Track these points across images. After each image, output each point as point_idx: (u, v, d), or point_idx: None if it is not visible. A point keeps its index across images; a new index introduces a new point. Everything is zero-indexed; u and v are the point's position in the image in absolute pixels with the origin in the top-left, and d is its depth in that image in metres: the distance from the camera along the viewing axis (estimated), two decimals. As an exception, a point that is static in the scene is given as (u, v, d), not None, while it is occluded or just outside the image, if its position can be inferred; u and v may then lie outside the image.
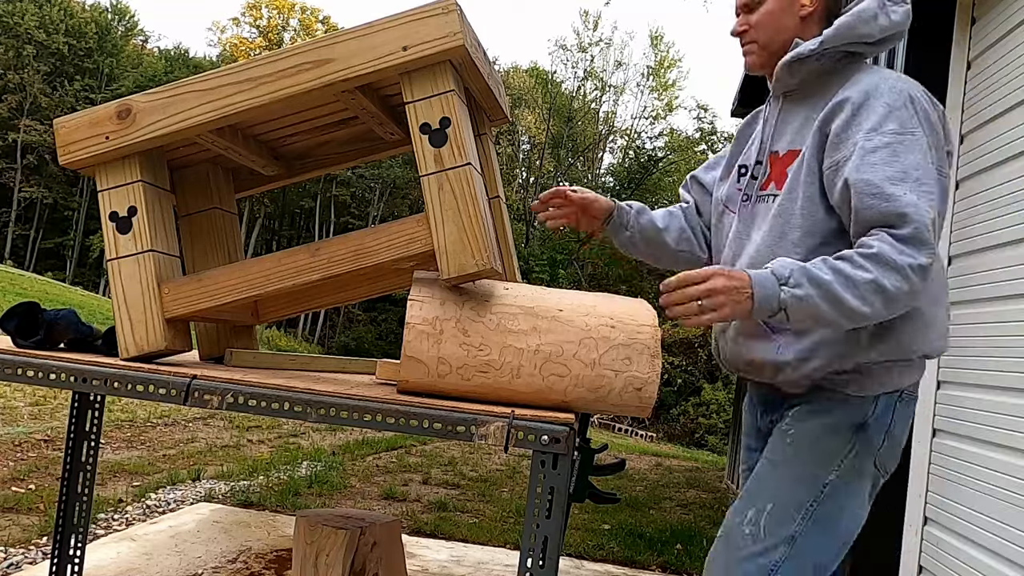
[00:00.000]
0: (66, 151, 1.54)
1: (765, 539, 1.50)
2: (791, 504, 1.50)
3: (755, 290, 1.35)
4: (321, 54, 1.48)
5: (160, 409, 7.37)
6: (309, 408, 1.35)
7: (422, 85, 1.47)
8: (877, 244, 1.36)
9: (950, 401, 3.10)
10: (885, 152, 1.41)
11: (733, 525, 1.55)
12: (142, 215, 1.56)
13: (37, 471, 4.44)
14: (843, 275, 1.35)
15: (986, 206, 2.98)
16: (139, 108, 1.55)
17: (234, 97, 1.51)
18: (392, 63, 1.45)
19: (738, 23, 1.64)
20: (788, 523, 1.50)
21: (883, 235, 1.37)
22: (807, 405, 1.54)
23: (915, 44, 3.48)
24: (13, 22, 42.95)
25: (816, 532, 1.50)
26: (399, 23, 1.46)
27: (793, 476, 1.52)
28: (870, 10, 1.53)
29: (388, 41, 1.45)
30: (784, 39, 1.59)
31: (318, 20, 49.17)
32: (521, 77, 47.19)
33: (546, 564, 1.29)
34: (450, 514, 4.60)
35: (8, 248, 43.19)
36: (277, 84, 1.49)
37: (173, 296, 1.57)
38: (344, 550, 2.30)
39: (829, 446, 1.51)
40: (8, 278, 21.70)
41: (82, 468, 2.18)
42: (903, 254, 1.35)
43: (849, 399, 1.52)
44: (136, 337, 1.54)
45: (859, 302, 1.34)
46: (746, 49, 1.65)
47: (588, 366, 1.42)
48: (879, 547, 3.30)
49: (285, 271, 1.53)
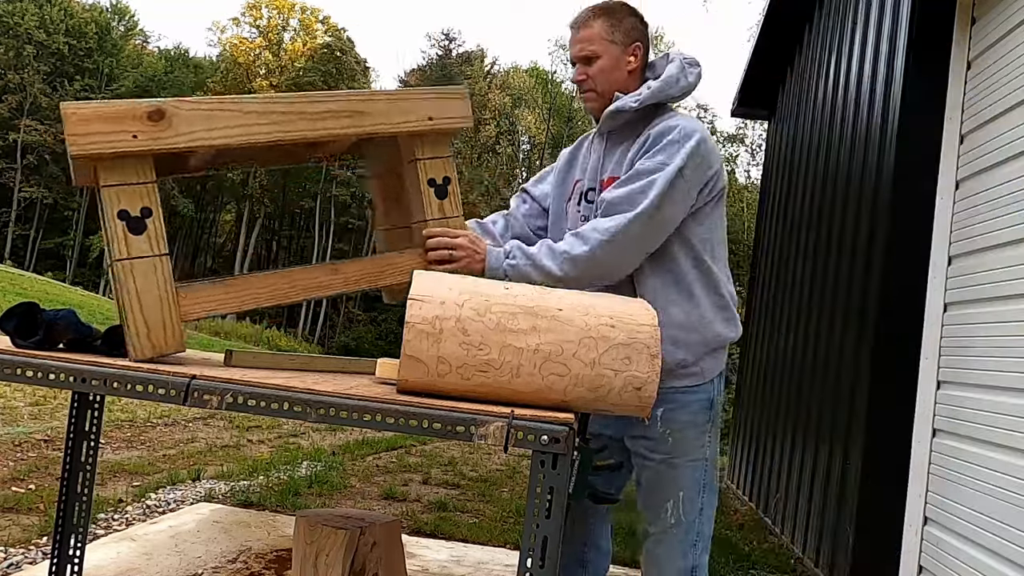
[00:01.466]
0: (77, 141, 1.47)
1: (686, 520, 1.93)
2: (694, 486, 1.94)
3: (488, 257, 1.85)
4: (358, 107, 1.70)
5: (160, 409, 7.37)
6: (309, 408, 1.35)
7: (433, 148, 1.82)
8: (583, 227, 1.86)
9: (950, 401, 3.10)
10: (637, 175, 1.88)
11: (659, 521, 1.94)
12: (157, 217, 1.55)
13: (37, 471, 4.44)
14: (548, 247, 1.85)
15: (986, 206, 2.98)
16: (175, 114, 1.54)
17: (272, 127, 1.63)
18: (416, 128, 1.77)
19: (578, 72, 2.02)
20: (696, 501, 1.94)
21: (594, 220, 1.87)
22: (668, 404, 1.90)
23: (915, 44, 3.48)
24: (13, 22, 42.93)
25: (710, 494, 1.97)
26: (428, 97, 1.80)
27: (685, 465, 1.94)
28: (675, 76, 1.99)
29: (417, 110, 1.77)
30: (615, 88, 2.00)
31: (318, 20, 49.14)
32: (521, 77, 47.21)
33: (546, 564, 1.28)
34: (450, 514, 4.60)
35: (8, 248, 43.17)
36: (315, 124, 1.65)
37: (192, 299, 1.59)
38: (344, 550, 2.30)
39: (698, 433, 1.95)
40: (8, 278, 21.70)
41: (82, 468, 2.18)
42: (595, 231, 1.83)
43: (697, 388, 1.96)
44: (153, 339, 1.53)
45: (555, 266, 1.82)
46: (586, 96, 2.04)
47: (588, 365, 1.42)
48: (879, 547, 3.31)
49: (307, 285, 1.70)
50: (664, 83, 1.97)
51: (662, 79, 1.98)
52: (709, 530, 1.98)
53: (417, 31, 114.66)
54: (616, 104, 1.97)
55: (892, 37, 3.85)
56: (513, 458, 7.12)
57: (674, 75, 1.98)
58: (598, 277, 1.86)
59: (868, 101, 4.15)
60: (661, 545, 1.95)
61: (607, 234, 1.81)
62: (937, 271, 3.25)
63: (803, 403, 4.91)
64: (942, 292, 3.23)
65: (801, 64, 6.54)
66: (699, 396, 1.96)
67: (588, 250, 1.81)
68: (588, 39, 1.99)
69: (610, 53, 1.99)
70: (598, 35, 1.99)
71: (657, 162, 1.85)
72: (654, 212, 1.82)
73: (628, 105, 1.95)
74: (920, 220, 3.32)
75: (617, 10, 2.02)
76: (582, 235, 1.83)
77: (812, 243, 5.18)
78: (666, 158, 1.85)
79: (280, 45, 48.03)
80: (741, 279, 21.88)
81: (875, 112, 3.98)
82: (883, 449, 3.35)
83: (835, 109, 5.03)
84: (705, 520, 1.95)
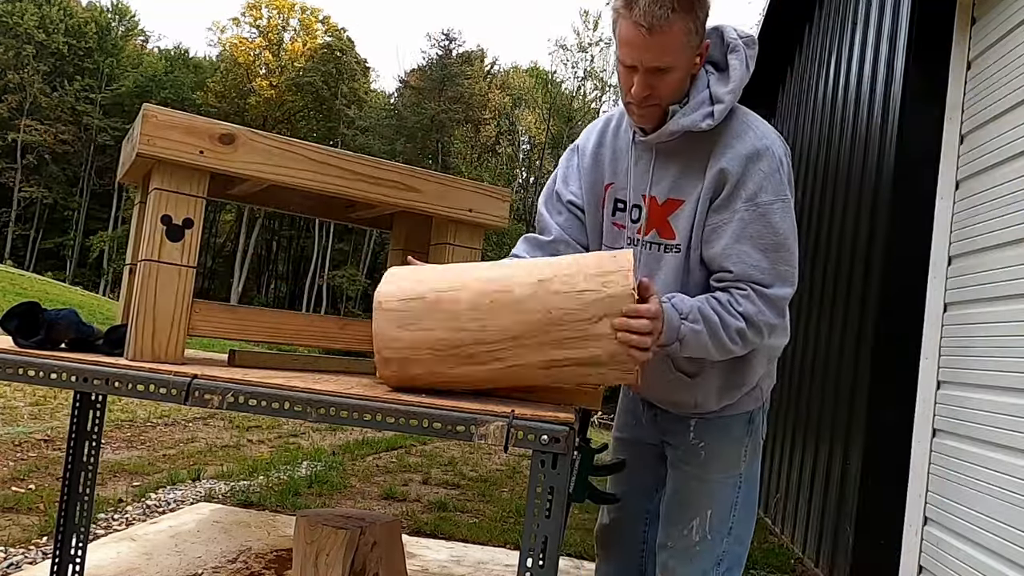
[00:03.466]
0: (149, 142, 1.52)
1: (712, 538, 1.77)
2: (726, 504, 1.78)
3: (665, 323, 1.50)
4: (413, 183, 1.81)
5: (160, 409, 7.37)
6: (309, 407, 1.35)
7: (466, 237, 1.92)
8: (744, 302, 1.59)
9: (950, 401, 3.10)
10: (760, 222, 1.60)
11: (682, 537, 1.79)
12: (196, 230, 1.59)
13: (37, 471, 4.44)
14: (720, 318, 1.57)
15: (986, 206, 2.98)
16: (244, 142, 1.60)
17: (333, 179, 1.70)
18: (456, 216, 1.88)
19: (642, 85, 1.57)
20: (727, 520, 1.78)
21: (750, 292, 1.59)
22: (706, 421, 1.79)
23: (915, 44, 3.48)
24: (13, 22, 42.95)
25: (744, 513, 1.81)
26: (474, 191, 1.90)
27: (717, 480, 1.79)
28: (743, 76, 1.64)
29: (462, 199, 1.88)
30: (678, 99, 1.63)
31: (318, 20, 49.15)
32: (521, 77, 47.23)
33: (546, 564, 1.29)
34: (450, 514, 4.60)
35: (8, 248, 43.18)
36: (371, 187, 1.75)
37: (204, 316, 1.63)
38: (344, 550, 2.30)
39: (735, 448, 1.80)
40: (8, 278, 21.70)
41: (83, 468, 2.18)
42: (762, 314, 1.59)
43: (739, 414, 1.79)
44: (156, 345, 1.55)
45: (730, 342, 1.58)
46: (647, 112, 1.63)
47: (560, 343, 1.41)
48: (879, 547, 3.31)
49: (313, 334, 1.80)
50: (737, 87, 1.63)
51: (733, 84, 1.63)
52: (740, 551, 1.81)
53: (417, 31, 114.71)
54: (683, 123, 1.61)
55: (892, 37, 3.85)
56: (513, 458, 7.13)
57: (743, 75, 1.64)
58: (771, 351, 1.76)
59: (868, 101, 4.15)
60: (681, 562, 1.79)
61: (776, 318, 1.61)
62: (937, 271, 3.25)
63: (803, 403, 4.92)
64: (942, 292, 3.24)
65: (801, 64, 6.54)
66: (737, 409, 1.79)
67: (760, 341, 1.64)
68: (666, 48, 1.53)
69: (686, 62, 1.58)
70: (679, 41, 1.54)
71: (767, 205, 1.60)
72: (794, 275, 1.64)
73: (700, 127, 1.61)
74: (920, 220, 3.32)
75: (695, 2, 1.55)
76: (755, 324, 1.58)
77: (812, 243, 5.19)
78: (774, 195, 1.61)
79: (280, 45, 48.03)
80: (741, 279, 21.88)
81: (875, 112, 3.98)
82: (883, 449, 3.35)
83: (835, 109, 5.03)
84: (734, 541, 1.79)
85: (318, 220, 29.68)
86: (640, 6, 1.51)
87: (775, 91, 7.50)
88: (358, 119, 45.40)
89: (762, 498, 5.74)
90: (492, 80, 47.98)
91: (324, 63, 46.24)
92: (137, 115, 1.58)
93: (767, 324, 1.59)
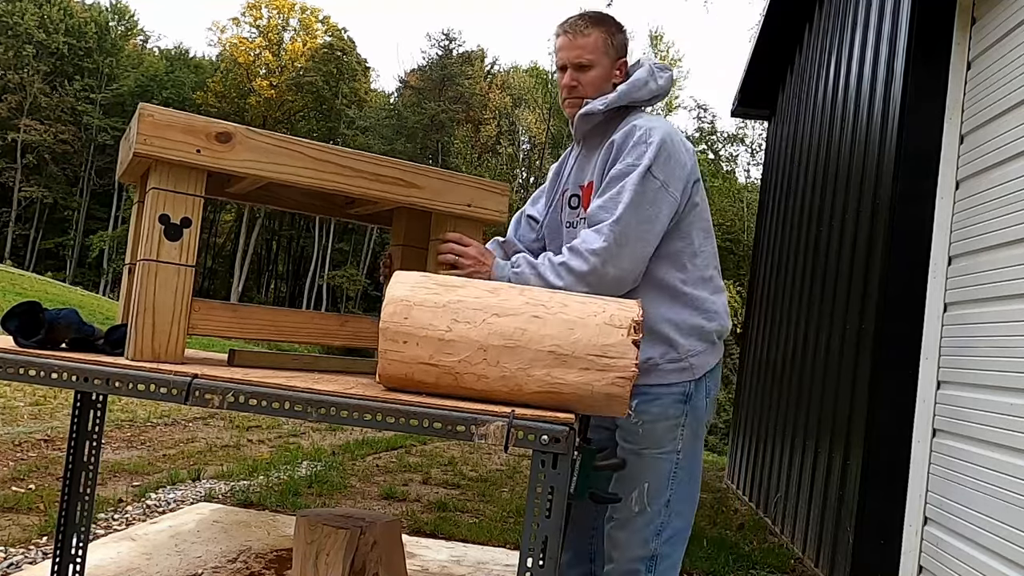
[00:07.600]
0: (146, 141, 1.52)
1: (651, 509, 1.94)
2: (662, 476, 1.95)
3: (494, 268, 1.90)
4: (413, 179, 1.82)
5: (160, 409, 7.37)
6: (309, 407, 1.35)
7: (461, 230, 1.93)
8: (580, 236, 1.88)
9: (950, 401, 3.10)
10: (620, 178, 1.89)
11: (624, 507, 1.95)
12: (194, 229, 1.59)
13: (37, 471, 4.44)
14: (549, 260, 1.86)
15: (986, 206, 2.98)
16: (241, 140, 1.60)
17: (331, 176, 1.70)
18: (455, 211, 1.90)
19: (570, 77, 2.03)
20: (663, 492, 1.95)
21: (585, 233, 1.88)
22: (641, 396, 1.93)
23: (915, 44, 3.48)
24: (13, 22, 42.93)
25: (681, 487, 1.97)
26: (473, 185, 1.92)
27: (652, 455, 1.95)
28: (642, 79, 2.03)
29: (461, 194, 1.90)
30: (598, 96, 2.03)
31: (318, 20, 49.13)
32: (521, 77, 47.18)
33: (546, 564, 1.29)
34: (450, 514, 4.60)
35: (8, 248, 43.17)
36: (371, 184, 1.75)
37: (203, 315, 1.63)
38: (344, 550, 2.31)
39: (669, 425, 1.96)
40: (8, 278, 21.70)
41: (84, 467, 2.18)
42: (584, 242, 1.85)
43: (673, 385, 1.96)
44: (156, 344, 1.55)
45: (555, 277, 1.83)
46: (573, 102, 2.05)
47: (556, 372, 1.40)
48: (879, 547, 3.31)
49: (313, 332, 1.80)
50: (630, 86, 2.02)
51: (628, 82, 2.03)
52: (681, 524, 1.99)
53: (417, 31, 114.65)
54: (585, 108, 2.02)
55: (892, 37, 3.85)
56: (513, 458, 7.13)
57: (642, 78, 2.03)
58: (608, 289, 1.82)
59: (868, 101, 4.15)
60: (623, 530, 1.97)
61: (597, 243, 1.82)
62: (937, 271, 3.25)
63: (803, 403, 4.92)
64: (942, 292, 3.24)
65: (801, 64, 6.54)
66: (673, 391, 1.96)
67: (587, 267, 1.82)
68: (586, 47, 2.02)
69: (603, 65, 2.04)
70: (596, 45, 2.03)
71: (626, 165, 1.88)
72: (632, 215, 1.84)
73: (596, 108, 2.00)
74: (920, 220, 3.32)
75: (611, 23, 2.07)
76: (576, 251, 1.84)
77: (812, 243, 5.19)
78: (634, 160, 1.88)
79: (280, 45, 48.00)
80: (741, 279, 21.88)
81: (875, 112, 3.98)
82: (883, 449, 3.35)
83: (835, 109, 5.03)
84: (673, 513, 1.96)
85: (318, 219, 29.56)
86: (568, 22, 2.07)
87: (775, 91, 7.49)
88: (358, 119, 45.39)
89: (762, 498, 5.74)
90: (492, 80, 47.97)
91: (324, 63, 46.23)
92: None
93: (588, 250, 1.82)
